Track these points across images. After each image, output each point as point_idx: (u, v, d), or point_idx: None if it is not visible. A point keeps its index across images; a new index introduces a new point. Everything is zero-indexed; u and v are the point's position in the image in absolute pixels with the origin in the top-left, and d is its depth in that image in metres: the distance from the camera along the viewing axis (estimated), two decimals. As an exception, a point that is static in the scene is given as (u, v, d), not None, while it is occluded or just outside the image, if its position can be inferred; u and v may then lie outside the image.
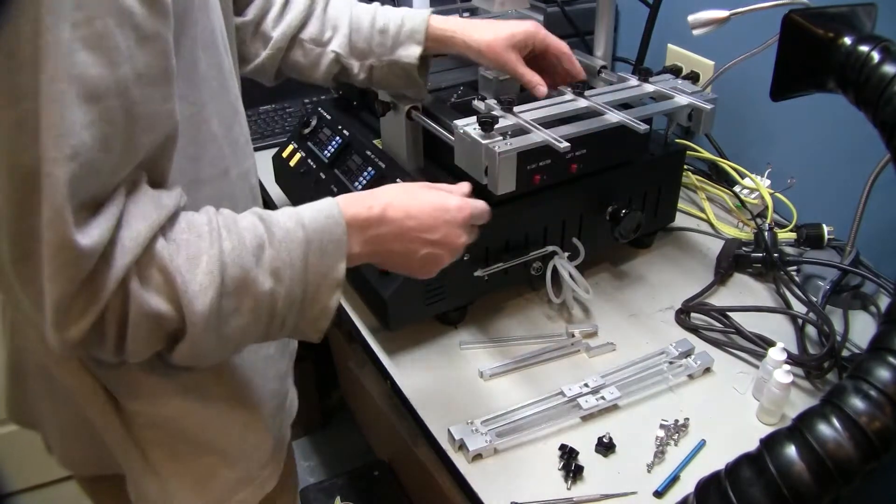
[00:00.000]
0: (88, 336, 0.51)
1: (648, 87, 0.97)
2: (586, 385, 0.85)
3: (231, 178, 0.67)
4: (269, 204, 1.29)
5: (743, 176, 1.21)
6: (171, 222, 0.54)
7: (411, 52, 0.87)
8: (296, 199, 1.16)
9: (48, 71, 0.45)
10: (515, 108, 0.86)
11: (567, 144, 0.78)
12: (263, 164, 1.36)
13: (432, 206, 0.67)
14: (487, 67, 1.00)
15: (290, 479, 0.84)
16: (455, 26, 0.88)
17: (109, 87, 0.47)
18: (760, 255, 1.04)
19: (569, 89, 0.94)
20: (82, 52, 0.46)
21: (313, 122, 1.16)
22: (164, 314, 0.53)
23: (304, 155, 1.15)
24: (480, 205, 0.71)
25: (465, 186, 0.73)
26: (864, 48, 0.73)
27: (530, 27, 0.89)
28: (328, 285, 0.60)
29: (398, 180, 0.96)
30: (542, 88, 0.87)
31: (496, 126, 0.82)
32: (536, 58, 0.91)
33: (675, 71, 1.31)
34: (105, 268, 0.49)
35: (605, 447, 0.79)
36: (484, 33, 0.86)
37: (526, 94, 1.06)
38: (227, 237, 0.55)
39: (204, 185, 0.64)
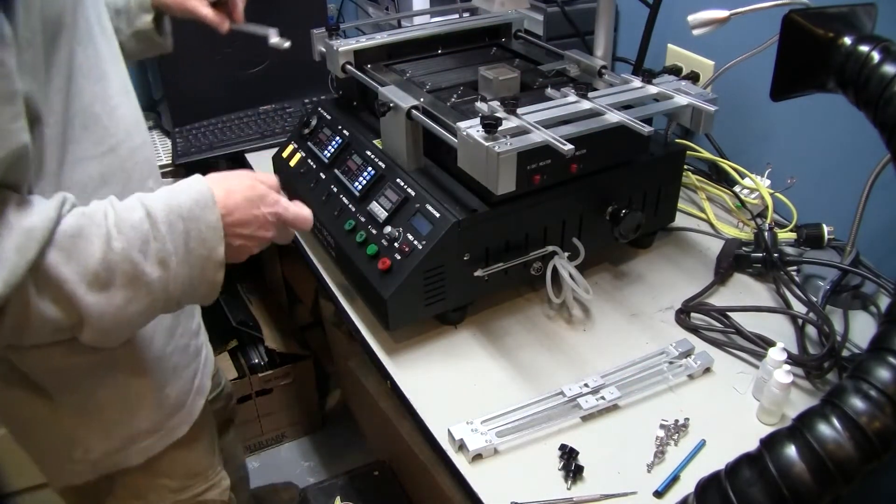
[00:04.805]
0: None
1: (652, 89, 0.97)
2: (586, 385, 0.85)
3: (120, 153, 0.75)
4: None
5: (743, 176, 1.21)
6: (59, 230, 0.60)
7: (146, 20, 0.99)
8: (296, 199, 1.16)
9: None
10: (518, 110, 0.86)
11: (571, 147, 0.78)
12: (264, 164, 1.37)
13: (247, 201, 0.71)
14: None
15: (207, 429, 0.95)
16: None
17: None
18: (760, 255, 1.04)
19: (572, 91, 0.94)
20: None
21: (313, 122, 1.16)
22: (60, 319, 0.61)
23: (304, 155, 1.15)
24: (302, 214, 0.76)
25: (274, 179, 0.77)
26: (864, 48, 0.73)
27: None
28: (212, 266, 0.68)
29: (398, 181, 0.96)
30: (225, 25, 1.03)
31: (500, 128, 0.82)
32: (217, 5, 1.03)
33: (675, 71, 1.31)
34: None
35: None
36: None
37: (525, 94, 1.06)
38: (116, 237, 0.62)
39: (90, 162, 0.71)
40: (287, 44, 1.08)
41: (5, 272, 0.56)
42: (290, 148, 1.18)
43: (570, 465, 0.77)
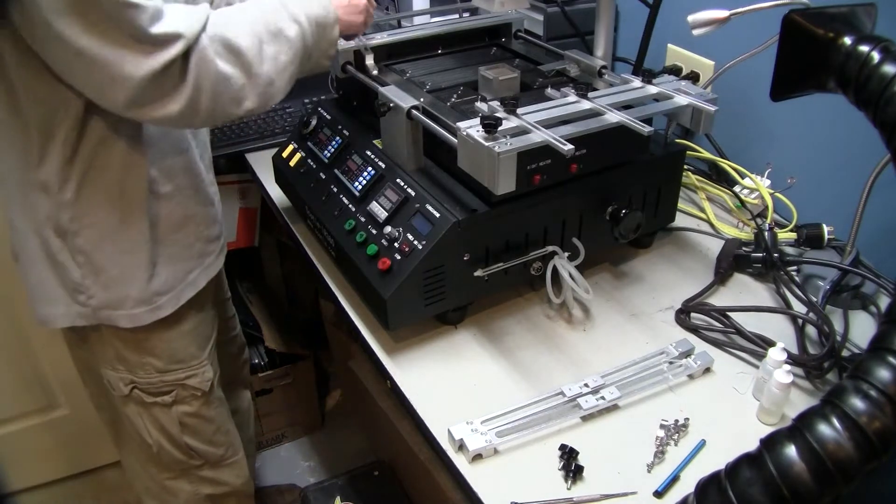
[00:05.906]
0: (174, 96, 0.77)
1: (652, 89, 0.96)
2: (586, 385, 0.85)
3: None
4: (268, 204, 1.29)
5: (743, 176, 1.21)
6: (212, 15, 0.80)
7: None
8: (296, 199, 1.16)
9: None
10: (518, 110, 0.86)
11: (571, 147, 0.78)
12: (264, 165, 1.37)
13: None
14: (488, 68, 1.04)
15: (196, 326, 1.05)
16: None
17: None
18: (760, 255, 1.04)
19: (572, 91, 0.94)
20: None
21: (313, 122, 1.16)
22: (232, 74, 0.81)
23: (304, 155, 1.15)
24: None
25: None
26: (864, 48, 0.73)
27: None
28: (329, 23, 0.92)
29: (398, 181, 0.96)
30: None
31: (500, 128, 0.82)
32: None
33: (675, 71, 1.31)
34: (178, 44, 0.75)
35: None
36: None
37: (525, 94, 1.05)
38: (255, 10, 0.85)
39: None
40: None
41: (190, 21, 0.76)
42: (290, 148, 1.18)
43: (570, 465, 0.77)
